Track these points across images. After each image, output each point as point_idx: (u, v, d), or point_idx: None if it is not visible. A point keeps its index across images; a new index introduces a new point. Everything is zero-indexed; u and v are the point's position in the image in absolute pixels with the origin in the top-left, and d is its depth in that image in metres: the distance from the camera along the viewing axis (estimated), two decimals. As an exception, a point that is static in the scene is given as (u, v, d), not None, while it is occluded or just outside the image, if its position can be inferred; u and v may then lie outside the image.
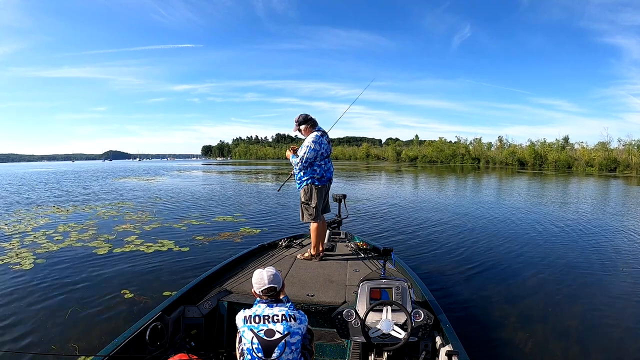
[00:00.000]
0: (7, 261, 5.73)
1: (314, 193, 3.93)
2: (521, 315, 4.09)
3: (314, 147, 3.79)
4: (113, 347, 2.15)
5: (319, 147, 3.82)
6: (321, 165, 3.90)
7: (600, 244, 7.35)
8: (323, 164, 3.91)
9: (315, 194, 3.93)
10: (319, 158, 3.86)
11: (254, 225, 8.81)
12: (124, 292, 4.46)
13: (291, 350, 1.86)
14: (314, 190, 3.93)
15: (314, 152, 3.80)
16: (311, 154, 3.79)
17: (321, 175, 3.91)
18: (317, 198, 3.94)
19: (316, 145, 3.80)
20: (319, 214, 3.98)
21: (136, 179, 27.58)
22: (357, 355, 2.54)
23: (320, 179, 3.92)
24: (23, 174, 36.81)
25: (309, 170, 3.89)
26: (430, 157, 79.57)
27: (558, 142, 61.81)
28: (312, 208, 3.95)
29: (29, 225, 8.67)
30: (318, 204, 3.96)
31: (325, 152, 3.91)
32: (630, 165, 46.60)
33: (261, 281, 1.96)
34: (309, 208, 3.97)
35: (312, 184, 3.92)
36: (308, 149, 3.78)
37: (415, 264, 5.57)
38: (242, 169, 48.46)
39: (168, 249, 6.49)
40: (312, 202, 3.94)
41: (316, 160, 3.86)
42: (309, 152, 3.79)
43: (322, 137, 3.89)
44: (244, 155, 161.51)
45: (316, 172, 3.89)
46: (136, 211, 10.94)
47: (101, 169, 50.87)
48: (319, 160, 3.87)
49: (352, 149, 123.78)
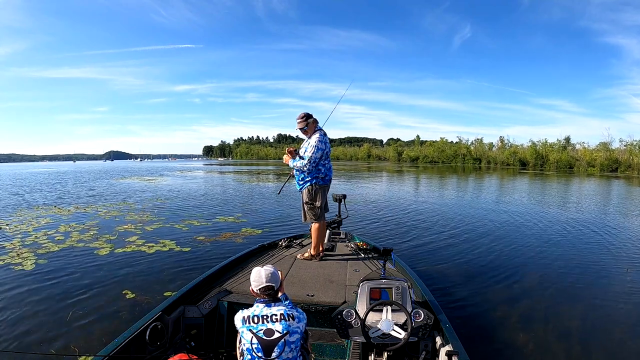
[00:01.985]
0: (8, 261, 5.75)
1: (318, 193, 3.94)
2: (522, 315, 4.08)
3: (321, 146, 3.80)
4: (113, 347, 2.16)
5: (324, 146, 3.85)
6: (325, 164, 3.91)
7: (603, 245, 7.33)
8: (327, 163, 3.93)
9: (319, 194, 3.94)
10: (324, 157, 3.87)
11: (255, 225, 8.81)
12: (125, 292, 4.48)
13: (290, 349, 1.87)
14: (319, 190, 3.94)
15: (321, 152, 3.81)
16: (319, 153, 3.80)
17: (325, 174, 3.93)
18: (322, 198, 3.96)
19: (322, 145, 3.82)
20: (322, 213, 4.00)
21: (137, 179, 27.60)
22: (357, 355, 2.54)
23: (324, 178, 3.94)
24: (24, 174, 36.86)
25: (314, 171, 3.88)
26: (431, 157, 79.30)
27: (559, 143, 61.66)
28: (317, 208, 3.95)
29: (30, 226, 8.69)
30: (322, 204, 3.97)
31: (329, 151, 3.94)
32: (631, 165, 46.39)
33: (259, 279, 1.96)
34: (313, 208, 3.96)
35: (316, 184, 3.92)
36: (316, 149, 3.77)
37: (415, 264, 5.58)
38: (243, 169, 48.46)
39: (169, 250, 6.50)
40: (316, 202, 3.94)
41: (321, 160, 3.87)
42: (317, 151, 3.78)
43: (325, 136, 3.92)
44: (245, 156, 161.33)
45: (320, 171, 3.90)
46: (137, 211, 10.96)
47: (103, 169, 50.92)
48: (323, 160, 3.88)
49: (353, 149, 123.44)
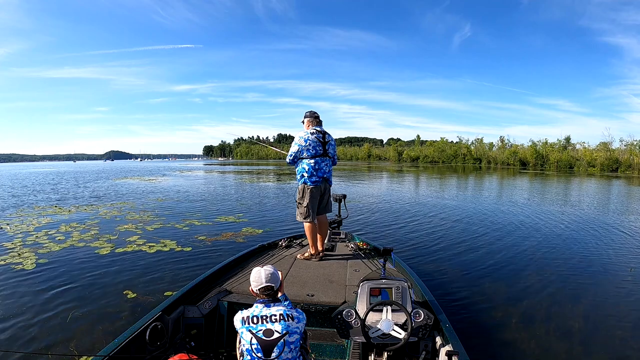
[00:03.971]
0: (9, 261, 5.76)
1: (306, 192, 3.95)
2: (522, 315, 4.08)
3: (297, 141, 3.89)
4: (113, 347, 2.16)
5: (304, 142, 3.86)
6: (310, 163, 3.88)
7: (605, 244, 7.32)
8: (313, 163, 3.88)
9: (307, 194, 3.94)
10: (307, 155, 3.86)
11: (256, 225, 8.82)
12: (126, 292, 4.48)
13: (290, 349, 1.87)
14: (306, 190, 3.95)
15: (297, 147, 3.89)
16: (294, 147, 3.92)
17: (311, 174, 3.90)
18: (309, 198, 3.93)
19: (300, 140, 3.88)
20: (310, 214, 3.96)
21: (138, 179, 27.61)
22: (357, 355, 2.54)
23: (310, 178, 3.91)
24: (25, 174, 36.90)
25: (299, 169, 3.94)
26: (431, 157, 79.26)
27: (560, 142, 61.61)
28: (304, 207, 3.96)
29: (31, 225, 8.70)
30: (310, 204, 3.94)
31: (313, 150, 3.87)
32: (632, 165, 46.28)
33: (259, 279, 1.97)
34: (300, 207, 4.00)
35: (303, 184, 3.95)
36: (292, 144, 3.93)
37: (415, 264, 5.58)
38: (243, 169, 48.47)
39: (170, 249, 6.50)
40: (303, 201, 3.96)
41: (304, 158, 3.88)
42: (292, 146, 3.93)
43: (311, 135, 3.89)
44: (246, 156, 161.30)
45: (305, 170, 3.90)
46: (138, 211, 10.97)
47: (103, 169, 50.95)
48: (307, 159, 3.87)
49: (354, 149, 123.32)
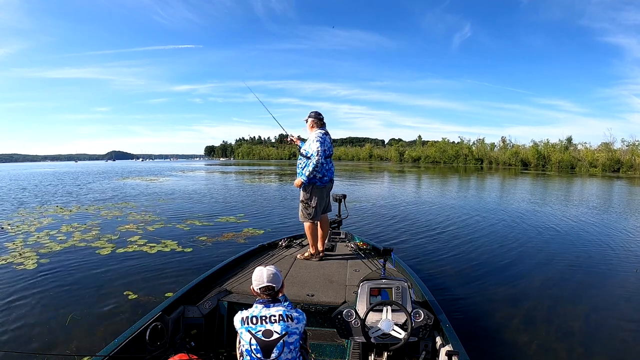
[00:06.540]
0: (10, 261, 5.78)
1: (315, 193, 3.94)
2: (523, 316, 4.07)
3: (319, 138, 3.83)
4: (113, 347, 2.16)
5: (324, 144, 3.85)
6: (323, 164, 3.90)
7: (608, 245, 7.30)
8: (325, 164, 3.91)
9: (316, 194, 3.94)
10: (322, 155, 3.86)
11: (257, 225, 8.82)
12: (127, 292, 4.49)
13: (289, 350, 1.87)
14: (315, 190, 3.94)
15: (321, 146, 3.82)
16: (315, 145, 3.81)
17: (323, 174, 3.92)
18: (318, 198, 3.95)
19: (320, 139, 3.84)
20: (316, 213, 3.98)
21: (139, 179, 27.66)
22: (357, 355, 2.54)
23: (322, 178, 3.93)
24: (26, 174, 36.99)
25: (310, 169, 3.88)
26: (433, 157, 79.10)
27: (561, 143, 61.34)
28: (312, 208, 3.96)
29: (32, 226, 8.72)
30: (318, 204, 3.96)
31: (328, 151, 3.92)
32: (633, 165, 46.11)
33: (260, 279, 1.97)
34: (308, 207, 3.98)
35: (313, 184, 3.93)
36: (313, 141, 3.83)
37: (415, 264, 5.56)
38: (245, 169, 48.50)
39: (171, 250, 6.51)
40: (312, 201, 3.95)
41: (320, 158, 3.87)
42: (313, 143, 3.83)
43: (325, 136, 3.91)
44: (247, 156, 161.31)
45: (318, 170, 3.89)
46: (139, 211, 10.99)
47: (104, 169, 51.04)
48: (322, 158, 3.87)
49: (355, 150, 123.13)
